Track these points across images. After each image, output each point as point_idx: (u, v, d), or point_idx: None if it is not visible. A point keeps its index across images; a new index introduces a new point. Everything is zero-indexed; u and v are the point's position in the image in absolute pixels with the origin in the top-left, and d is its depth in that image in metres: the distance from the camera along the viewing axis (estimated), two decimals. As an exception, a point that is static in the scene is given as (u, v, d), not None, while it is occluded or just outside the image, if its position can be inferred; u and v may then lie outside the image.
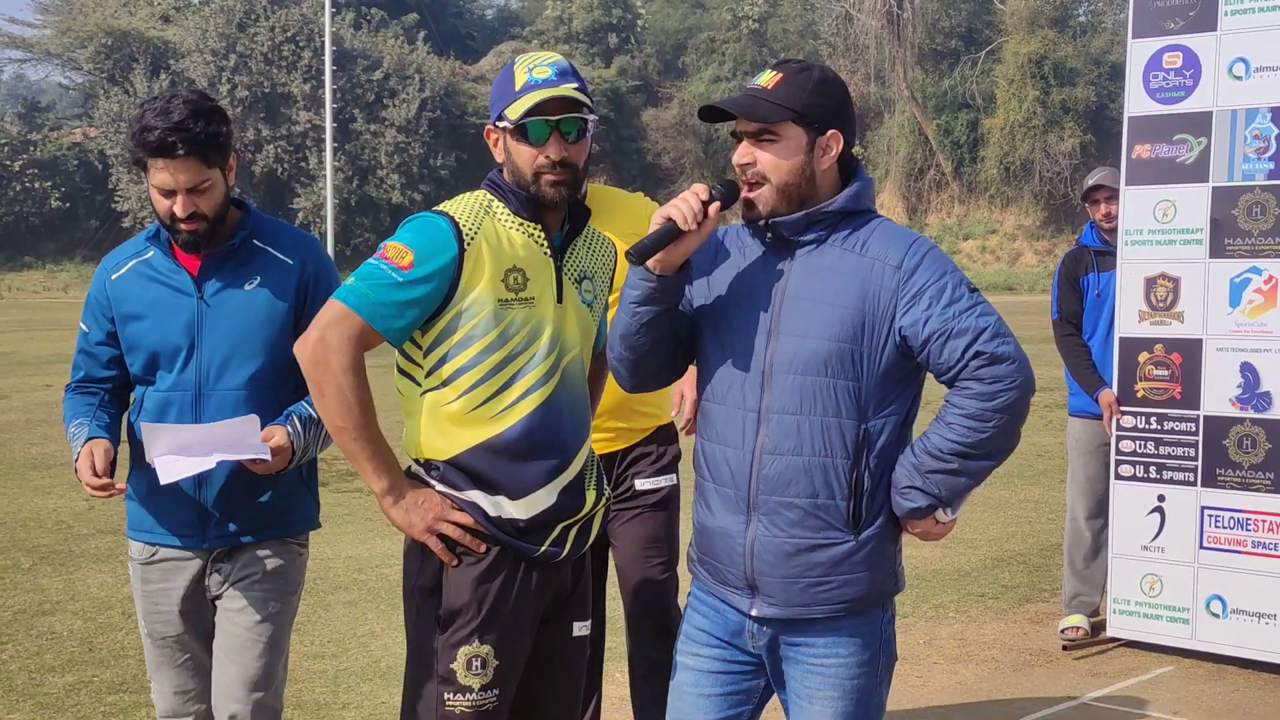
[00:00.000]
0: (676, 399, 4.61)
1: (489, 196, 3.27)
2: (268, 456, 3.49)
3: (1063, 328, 6.78)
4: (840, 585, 3.03)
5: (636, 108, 51.81)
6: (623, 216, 4.29)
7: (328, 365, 3.08)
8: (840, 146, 3.06)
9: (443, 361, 3.17)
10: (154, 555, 3.74)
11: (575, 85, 3.20)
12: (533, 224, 3.25)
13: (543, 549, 3.23)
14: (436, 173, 46.02)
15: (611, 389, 4.18)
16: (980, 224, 47.85)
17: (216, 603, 3.75)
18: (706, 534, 3.17)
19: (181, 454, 3.49)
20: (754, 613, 3.09)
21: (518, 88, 3.19)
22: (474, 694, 3.17)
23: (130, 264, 3.69)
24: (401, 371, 3.27)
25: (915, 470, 3.00)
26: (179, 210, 3.54)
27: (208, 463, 3.48)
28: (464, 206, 3.21)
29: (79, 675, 6.00)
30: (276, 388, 3.66)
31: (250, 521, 3.72)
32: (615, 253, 3.48)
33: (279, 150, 46.29)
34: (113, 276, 3.69)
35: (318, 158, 44.68)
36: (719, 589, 3.16)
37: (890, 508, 3.06)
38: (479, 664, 3.17)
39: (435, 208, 3.24)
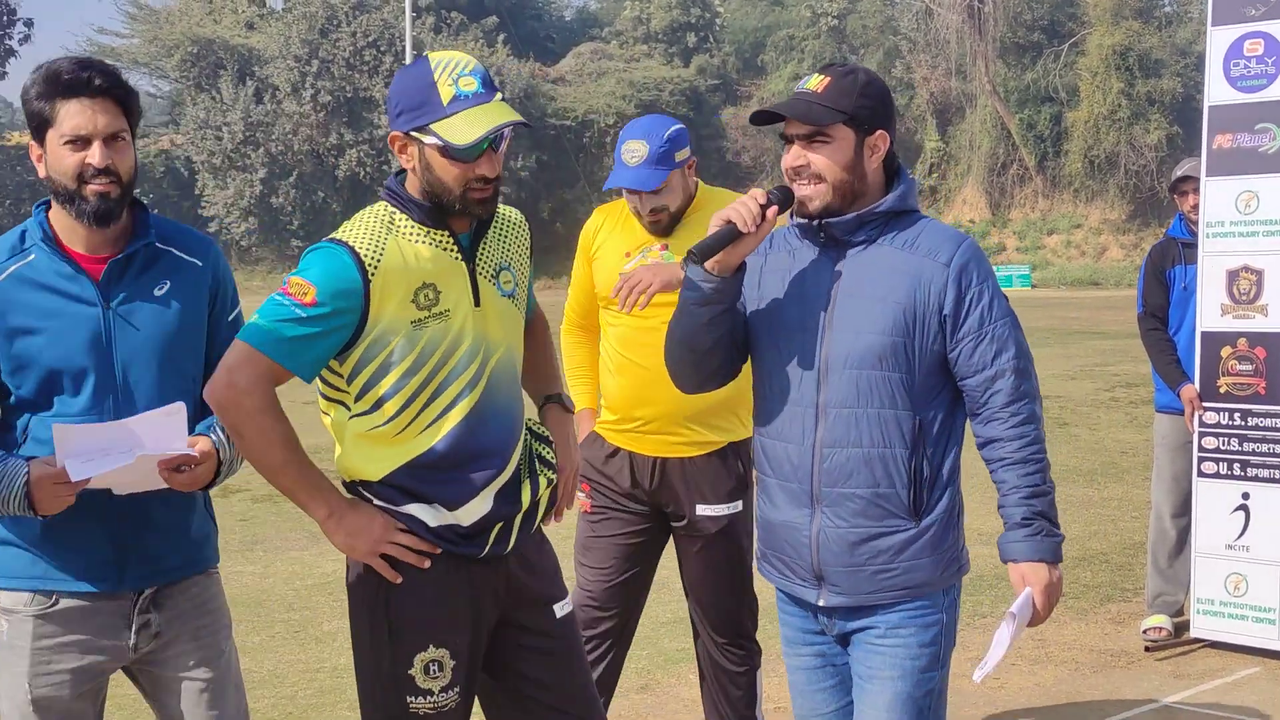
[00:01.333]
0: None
1: (390, 209, 3.15)
2: (194, 453, 3.11)
3: (1147, 322, 6.65)
4: (904, 571, 3.16)
5: (715, 107, 51.73)
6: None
7: (241, 407, 3.02)
8: (887, 146, 3.20)
9: (367, 389, 3.11)
10: (52, 605, 3.13)
11: (501, 95, 3.11)
12: (439, 231, 3.14)
13: (487, 550, 3.21)
14: (516, 174, 46.19)
15: (680, 396, 4.16)
16: (1064, 219, 47.21)
17: (149, 658, 3.23)
18: (771, 528, 3.30)
19: (96, 454, 3.02)
20: (821, 603, 3.22)
21: (445, 101, 3.03)
22: (434, 696, 3.17)
23: (11, 268, 3.13)
24: (327, 398, 3.19)
25: (1033, 515, 3.13)
26: (95, 158, 3.07)
27: (127, 458, 3.01)
28: (364, 230, 3.09)
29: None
30: (199, 401, 3.23)
31: (176, 555, 3.25)
32: (526, 228, 3.39)
33: (361, 154, 46.71)
34: None
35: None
36: (786, 583, 3.30)
37: (951, 496, 3.19)
38: (436, 667, 3.17)
39: (335, 234, 3.11)
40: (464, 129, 3.02)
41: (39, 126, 3.13)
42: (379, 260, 3.05)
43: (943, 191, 49.49)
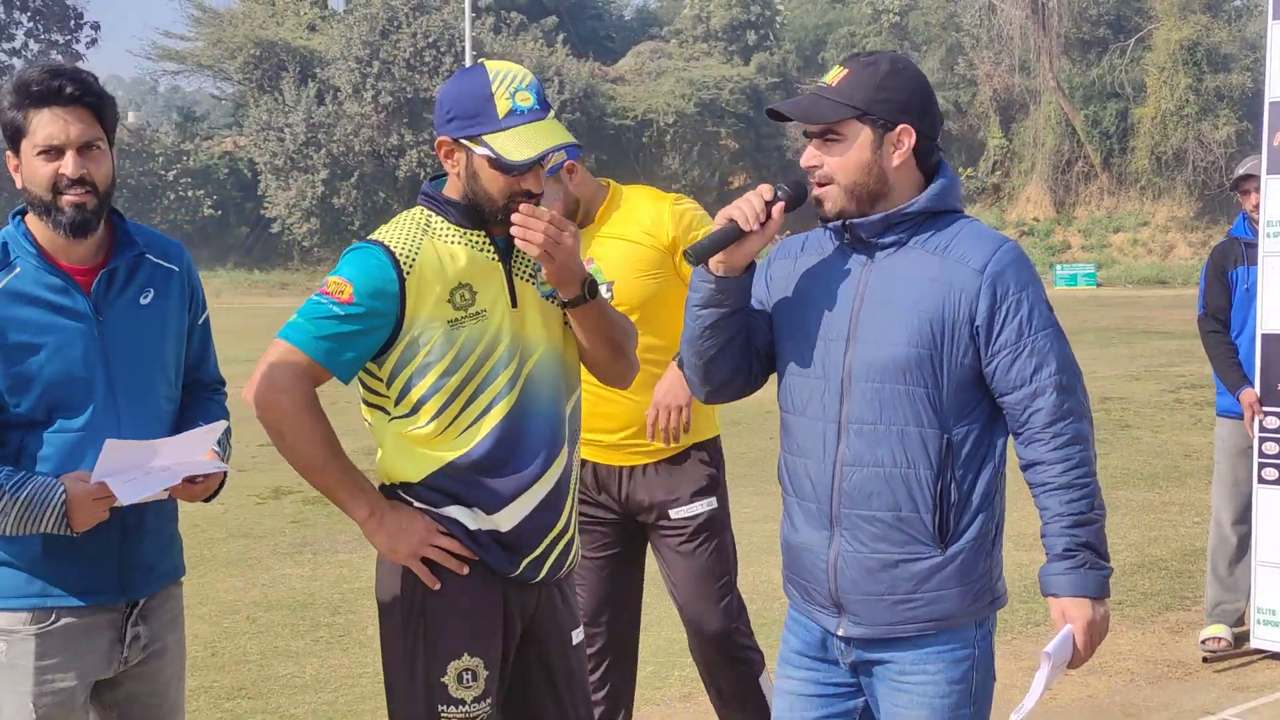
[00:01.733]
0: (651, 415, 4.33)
1: (426, 212, 3.19)
2: (226, 468, 3.16)
3: (1207, 323, 6.49)
4: (928, 602, 2.92)
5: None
6: (643, 218, 4.31)
7: (279, 406, 3.03)
8: (913, 141, 2.93)
9: (406, 390, 3.11)
10: (52, 623, 3.08)
11: (553, 112, 3.12)
12: (475, 232, 3.17)
13: (519, 570, 3.19)
14: (577, 174, 46.25)
15: (637, 403, 4.20)
16: (1131, 216, 46.61)
17: (129, 672, 3.22)
18: (792, 551, 3.09)
19: (140, 472, 2.99)
20: (840, 632, 3.00)
21: (501, 115, 3.05)
22: (466, 706, 3.15)
23: (3, 281, 3.05)
24: (368, 404, 3.21)
25: (1077, 545, 2.89)
26: (68, 169, 3.02)
27: (173, 479, 3.01)
28: (400, 231, 3.13)
29: (200, 680, 6.05)
30: (179, 407, 3.27)
31: (164, 563, 3.27)
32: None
33: (422, 154, 46.88)
34: None
35: (460, 161, 45.24)
36: (807, 607, 3.08)
37: (984, 522, 2.94)
38: (470, 676, 3.15)
39: (372, 236, 3.15)
40: (518, 146, 3.04)
41: (13, 137, 3.08)
42: (414, 260, 3.08)
43: (1006, 189, 49.02)
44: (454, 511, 3.14)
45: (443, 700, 3.14)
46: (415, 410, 3.11)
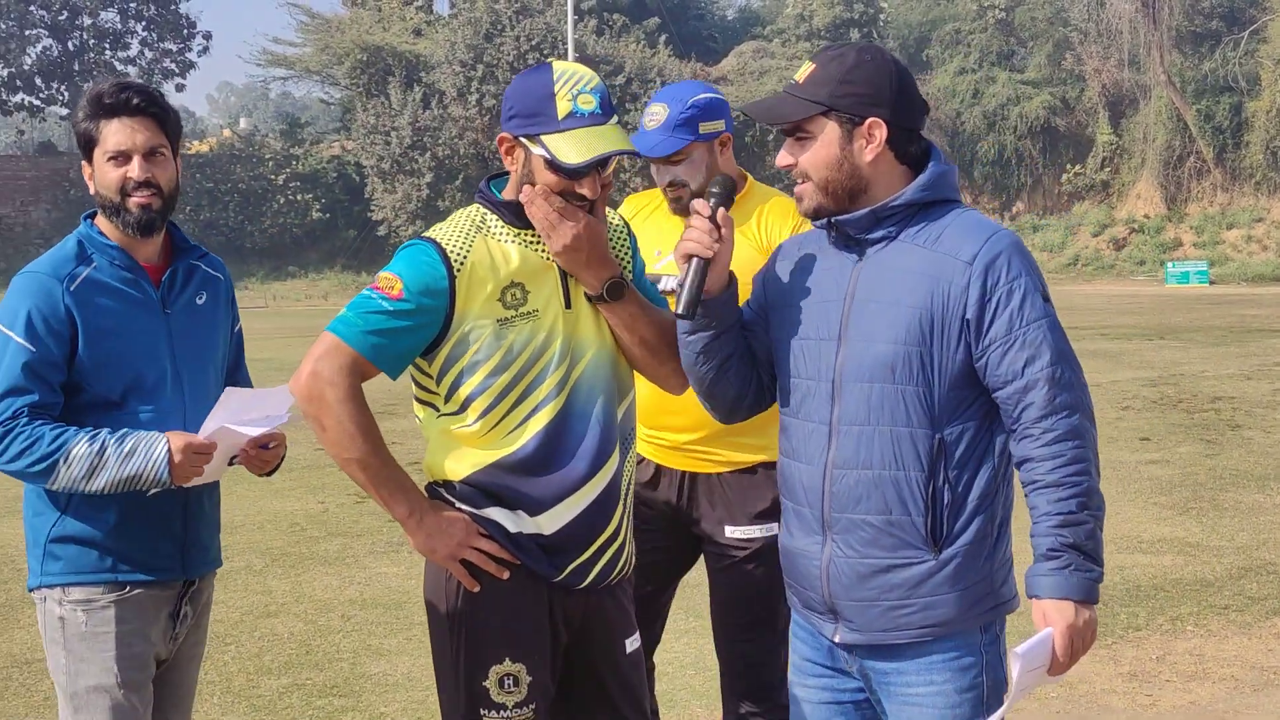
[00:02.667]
0: None
1: (482, 211, 3.18)
2: (285, 417, 3.42)
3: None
4: (922, 608, 2.84)
5: (880, 103, 51.10)
6: (764, 219, 4.14)
7: (323, 399, 3.02)
8: (884, 133, 2.85)
9: (455, 388, 3.11)
10: (126, 592, 3.38)
11: (616, 118, 3.07)
12: (529, 232, 3.14)
13: (562, 575, 3.15)
14: (679, 175, 46.21)
15: (685, 405, 3.89)
16: (1245, 213, 45.53)
17: (173, 645, 3.53)
18: (789, 557, 3.04)
19: (234, 421, 3.32)
20: (837, 639, 2.95)
21: (560, 116, 3.02)
22: (508, 711, 3.13)
23: (84, 273, 3.34)
24: (419, 400, 3.22)
25: (1061, 546, 2.75)
26: (134, 173, 3.31)
27: (270, 423, 3.40)
28: (454, 229, 3.12)
29: (294, 678, 6.11)
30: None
31: (213, 546, 3.57)
32: (626, 232, 3.33)
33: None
34: (71, 287, 3.30)
35: (563, 163, 45.39)
36: (807, 615, 3.04)
37: (981, 524, 2.85)
38: (511, 681, 3.13)
39: (426, 233, 3.15)
40: (573, 149, 3.00)
41: (86, 146, 3.37)
42: (465, 257, 3.08)
43: (1115, 186, 48.15)
44: (495, 513, 3.12)
45: (485, 704, 3.13)
46: (463, 408, 3.10)
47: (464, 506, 3.14)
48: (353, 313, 3.05)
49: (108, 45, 54.04)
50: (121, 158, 3.33)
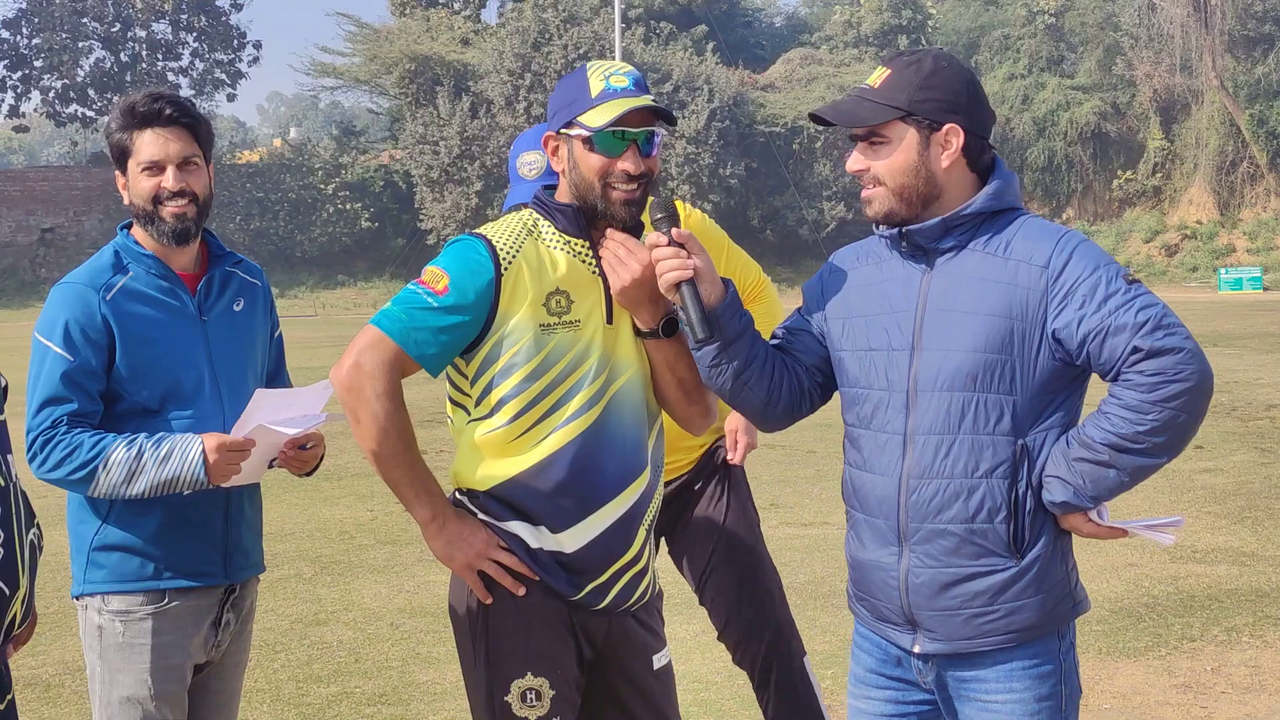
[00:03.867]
0: (731, 441, 4.30)
1: (535, 215, 3.16)
2: (323, 417, 3.44)
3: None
4: (1006, 614, 2.83)
5: (929, 109, 50.89)
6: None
7: (362, 392, 2.99)
8: (961, 141, 2.85)
9: (488, 390, 3.07)
10: (164, 604, 3.39)
11: (652, 97, 3.08)
12: (579, 241, 3.11)
13: (583, 594, 3.12)
14: (726, 182, 46.17)
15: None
16: (1300, 218, 45.11)
17: (215, 652, 3.53)
18: (861, 568, 3.00)
19: (271, 421, 3.32)
20: (917, 649, 2.91)
21: (594, 95, 3.04)
22: None
23: (120, 283, 3.37)
24: (452, 401, 3.22)
25: (1062, 458, 2.77)
26: (169, 182, 3.34)
27: (309, 423, 3.38)
28: (505, 229, 3.10)
29: (342, 686, 6.12)
30: None
31: (255, 551, 3.57)
32: None
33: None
34: (107, 296, 3.33)
35: (610, 171, 45.47)
36: (879, 626, 3.00)
37: (1057, 528, 2.85)
38: (534, 696, 3.09)
39: (476, 230, 3.13)
40: (603, 116, 3.02)
41: (120, 157, 3.41)
42: (514, 258, 3.05)
43: (1167, 192, 47.80)
44: (516, 527, 3.09)
45: (507, 718, 3.10)
46: (494, 412, 3.07)
47: (486, 518, 3.11)
48: (398, 307, 3.03)
49: (160, 56, 54.62)
50: (155, 168, 3.36)
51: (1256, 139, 45.42)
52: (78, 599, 3.46)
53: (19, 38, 52.91)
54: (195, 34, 55.06)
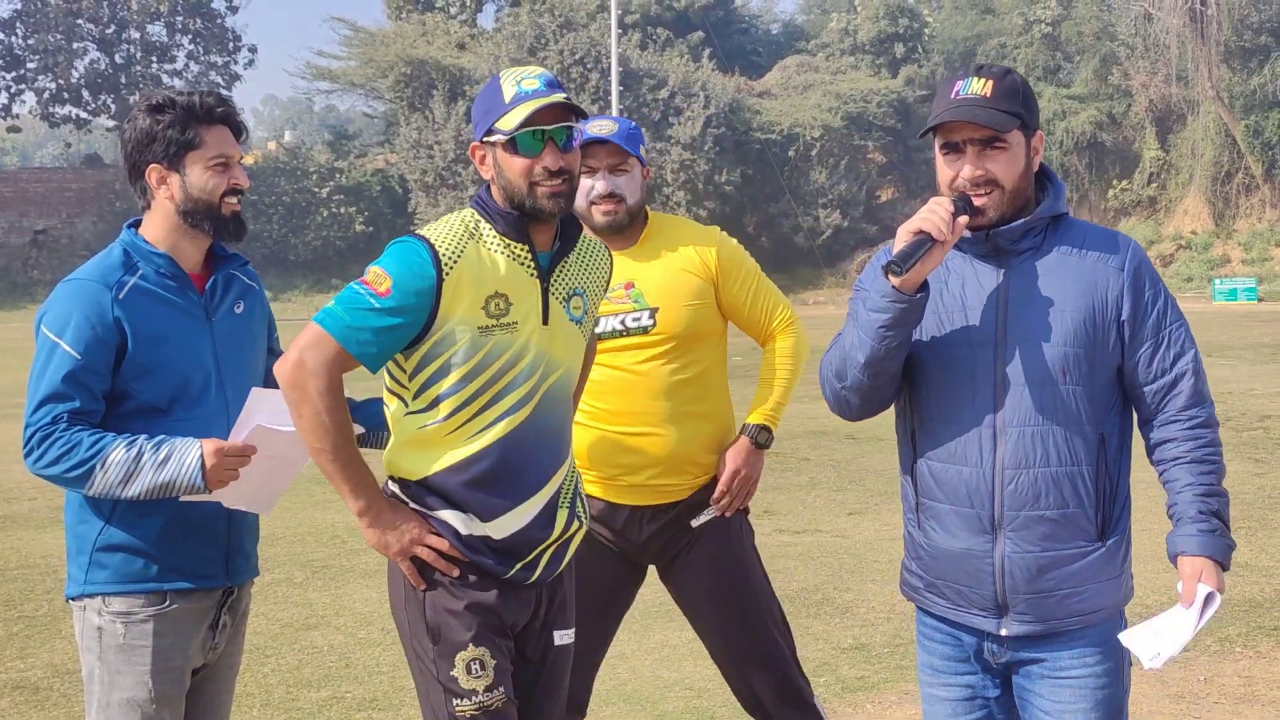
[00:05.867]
0: (727, 484, 4.12)
1: (476, 217, 3.25)
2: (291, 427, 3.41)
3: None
4: (1093, 595, 3.04)
5: (924, 118, 50.83)
6: (688, 242, 4.11)
7: (304, 388, 3.11)
8: (1043, 148, 3.12)
9: (425, 387, 3.18)
10: (165, 606, 3.37)
11: (564, 95, 3.18)
12: (519, 244, 3.23)
13: (513, 572, 3.25)
14: (721, 188, 46.16)
15: (666, 440, 4.02)
16: (1294, 229, 45.15)
17: (212, 654, 3.53)
18: (943, 557, 3.12)
19: (270, 421, 3.33)
20: (1003, 632, 3.08)
21: (507, 100, 3.16)
22: (480, 696, 3.20)
23: (131, 282, 3.36)
24: (390, 390, 3.28)
25: (1208, 514, 2.99)
26: (240, 179, 3.44)
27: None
28: (448, 230, 3.19)
29: (333, 690, 6.09)
30: None
31: (254, 554, 3.60)
32: (610, 262, 3.49)
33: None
34: (119, 295, 3.31)
35: (605, 177, 45.44)
36: (959, 613, 3.13)
37: (1128, 514, 3.09)
38: (478, 666, 3.20)
39: (419, 231, 3.21)
40: (517, 117, 3.13)
41: (177, 151, 3.38)
42: (456, 261, 3.15)
43: (1163, 202, 47.86)
44: (447, 515, 3.20)
45: (457, 694, 3.20)
46: (431, 407, 3.18)
47: (417, 507, 3.22)
48: (340, 306, 3.13)
49: (154, 58, 54.59)
50: (223, 164, 3.41)
51: (1252, 150, 45.49)
52: (75, 600, 3.43)
53: (13, 38, 52.88)
54: (190, 36, 55.06)
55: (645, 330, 4.02)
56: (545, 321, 3.23)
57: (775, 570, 7.82)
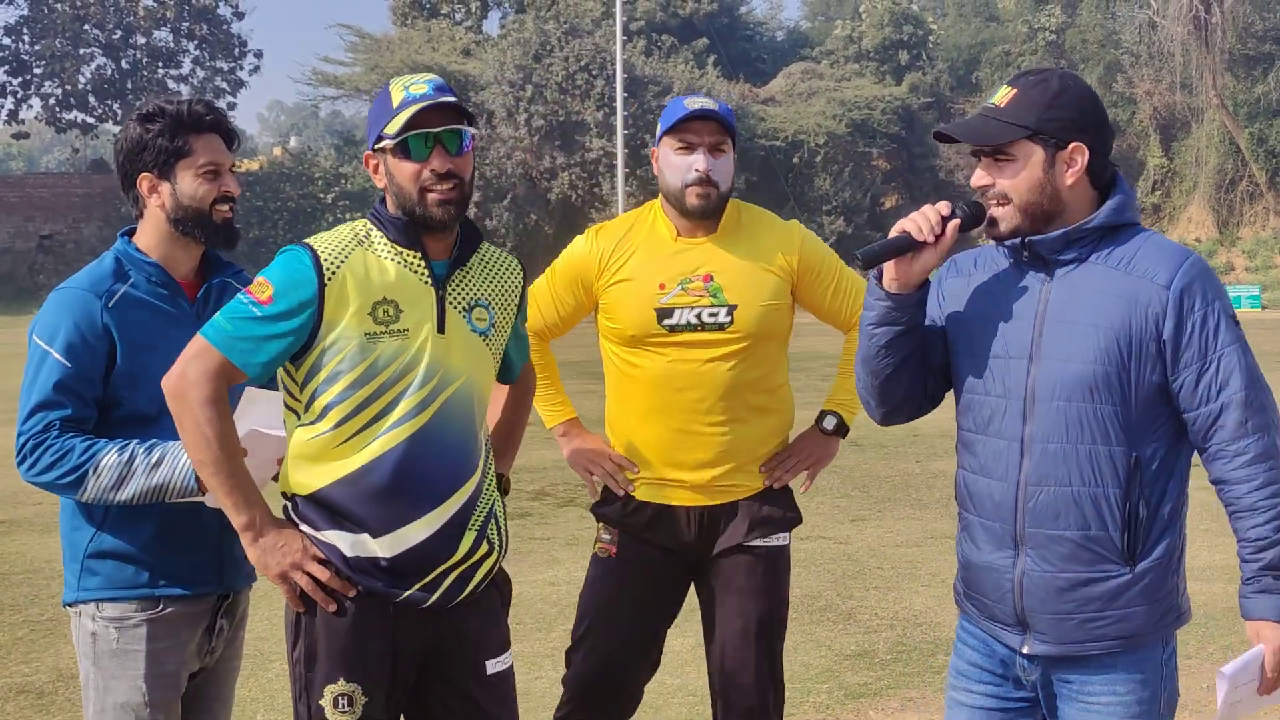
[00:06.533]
0: (795, 463, 4.09)
1: (368, 225, 3.21)
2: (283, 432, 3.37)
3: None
4: (1117, 620, 2.93)
5: (928, 125, 50.96)
6: (770, 239, 4.02)
7: (186, 399, 3.06)
8: (1085, 159, 2.94)
9: (314, 396, 3.13)
10: (159, 610, 3.37)
11: (453, 99, 3.15)
12: (411, 252, 3.17)
13: (408, 594, 3.14)
14: (726, 195, 46.15)
15: (719, 441, 3.93)
16: (1299, 237, 45.15)
17: (209, 660, 3.52)
18: (973, 569, 3.11)
19: (263, 425, 3.32)
20: (1025, 650, 3.02)
21: (395, 105, 3.13)
22: None
23: (121, 290, 3.37)
24: (286, 406, 3.24)
25: (1262, 570, 2.87)
26: (231, 187, 3.43)
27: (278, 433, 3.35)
28: (335, 238, 3.16)
29: (337, 695, 6.09)
30: None
31: (247, 561, 3.42)
32: (520, 277, 3.42)
33: (573, 177, 47.31)
34: (109, 304, 3.33)
35: (610, 183, 45.46)
36: (988, 625, 3.10)
37: (1171, 540, 2.95)
38: (345, 702, 3.11)
39: (306, 239, 3.18)
40: (399, 122, 3.11)
41: (168, 159, 3.39)
42: (339, 268, 3.11)
43: (1167, 209, 47.86)
44: (333, 536, 3.12)
45: None
46: (320, 417, 3.12)
47: (305, 527, 3.14)
48: (224, 318, 3.10)
49: (161, 64, 54.68)
50: (213, 172, 3.42)
51: (1256, 157, 45.50)
52: (70, 606, 3.45)
53: (20, 44, 52.95)
54: (196, 42, 55.14)
55: (722, 328, 3.90)
56: (441, 330, 3.16)
57: (778, 577, 7.85)
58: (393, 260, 3.16)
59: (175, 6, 53.56)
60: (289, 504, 3.20)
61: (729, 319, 3.91)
